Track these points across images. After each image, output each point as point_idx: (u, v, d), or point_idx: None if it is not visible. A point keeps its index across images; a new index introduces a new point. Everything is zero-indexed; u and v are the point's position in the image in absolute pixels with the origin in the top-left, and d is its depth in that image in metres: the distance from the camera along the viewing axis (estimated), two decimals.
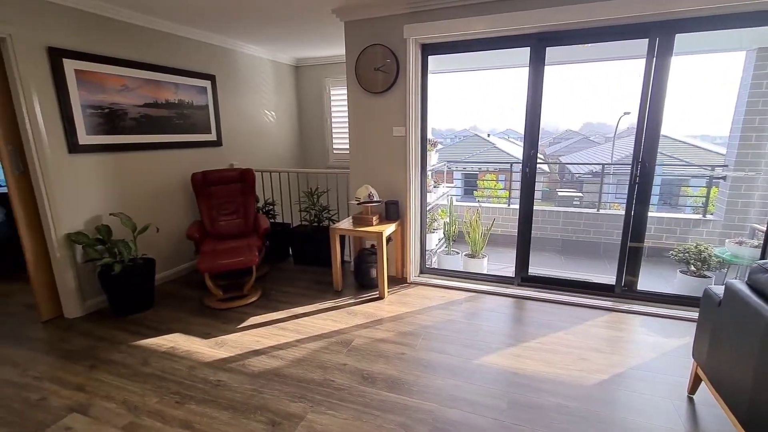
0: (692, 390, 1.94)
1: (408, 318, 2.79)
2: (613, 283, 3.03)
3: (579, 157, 14.99)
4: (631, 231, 2.91)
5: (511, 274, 3.34)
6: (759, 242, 3.60)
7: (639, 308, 2.83)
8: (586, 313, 2.80)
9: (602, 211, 5.82)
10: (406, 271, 3.47)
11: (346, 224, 3.23)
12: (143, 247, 3.12)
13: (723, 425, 1.75)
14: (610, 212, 6.03)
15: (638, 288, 2.99)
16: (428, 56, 3.19)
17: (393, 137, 3.27)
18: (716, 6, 2.33)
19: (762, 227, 3.86)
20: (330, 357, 2.31)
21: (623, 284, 3.01)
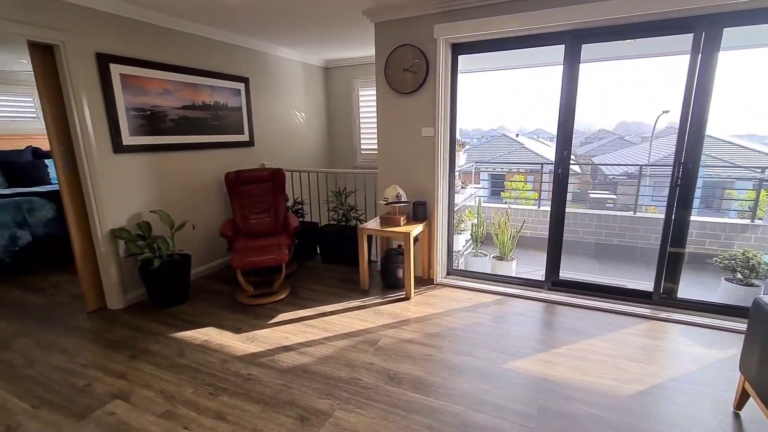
0: (738, 406, 1.83)
1: (434, 319, 2.77)
2: (651, 290, 2.90)
3: (613, 158, 14.43)
4: (672, 235, 2.77)
5: (541, 278, 3.26)
6: None
7: (679, 317, 2.70)
8: (621, 321, 2.69)
9: (639, 214, 5.59)
10: (433, 272, 3.45)
11: (374, 224, 3.25)
12: (180, 243, 3.26)
13: None
14: (647, 215, 5.78)
15: (678, 295, 2.84)
16: (458, 56, 3.16)
17: (421, 138, 3.26)
18: None
19: None
20: (357, 356, 2.33)
21: (662, 291, 2.87)
